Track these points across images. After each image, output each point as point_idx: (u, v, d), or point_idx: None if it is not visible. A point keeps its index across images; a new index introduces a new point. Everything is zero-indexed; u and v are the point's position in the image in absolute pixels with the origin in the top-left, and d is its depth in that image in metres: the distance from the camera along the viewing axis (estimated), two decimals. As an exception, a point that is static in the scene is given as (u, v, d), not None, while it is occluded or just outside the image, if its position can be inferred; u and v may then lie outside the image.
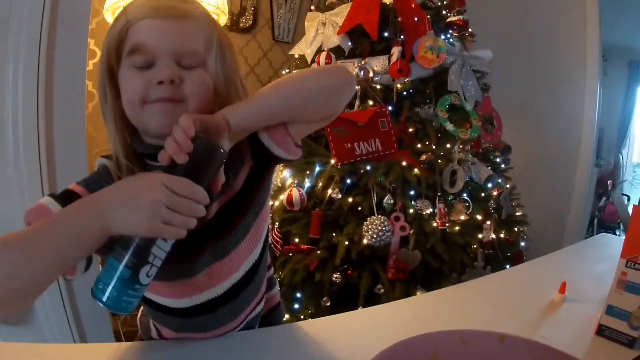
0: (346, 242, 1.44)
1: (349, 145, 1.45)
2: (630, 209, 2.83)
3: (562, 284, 0.92)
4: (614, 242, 1.32)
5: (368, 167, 1.47)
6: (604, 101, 3.20)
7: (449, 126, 1.55)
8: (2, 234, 0.47)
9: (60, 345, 0.68)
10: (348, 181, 1.46)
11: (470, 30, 1.83)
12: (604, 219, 3.28)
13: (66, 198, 0.57)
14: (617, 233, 3.24)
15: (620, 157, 3.56)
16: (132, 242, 0.46)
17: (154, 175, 0.50)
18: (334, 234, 1.47)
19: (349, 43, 1.68)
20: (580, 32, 2.56)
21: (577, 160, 2.57)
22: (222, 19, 1.82)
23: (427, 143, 1.58)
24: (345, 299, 1.47)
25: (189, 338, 0.72)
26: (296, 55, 1.91)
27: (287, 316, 1.42)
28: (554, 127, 2.65)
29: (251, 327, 0.77)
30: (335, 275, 1.45)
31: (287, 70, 2.10)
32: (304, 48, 1.79)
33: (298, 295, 1.51)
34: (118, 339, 1.62)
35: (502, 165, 1.82)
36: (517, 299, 0.94)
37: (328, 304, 1.46)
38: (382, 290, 1.44)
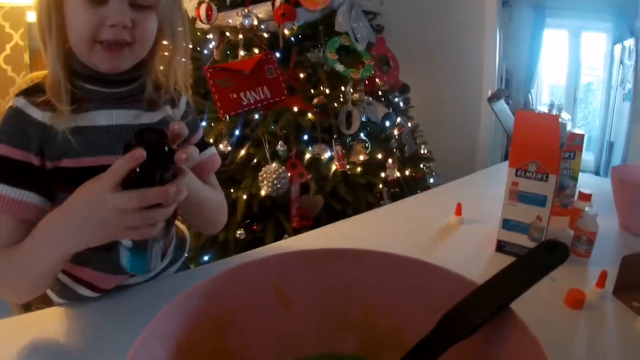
0: (245, 197, 1.39)
1: (235, 96, 1.39)
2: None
3: (457, 205, 0.92)
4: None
5: (256, 117, 1.41)
6: (511, 45, 3.32)
7: (339, 67, 1.52)
8: None
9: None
10: (237, 132, 1.40)
11: (359, -29, 1.79)
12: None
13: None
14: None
15: (530, 97, 3.77)
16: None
17: (102, 199, 0.48)
18: (232, 190, 1.42)
19: (230, -9, 1.59)
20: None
21: (481, 99, 2.67)
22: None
23: (320, 88, 1.54)
24: (254, 255, 1.44)
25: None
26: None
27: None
28: (455, 67, 2.73)
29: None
30: (239, 232, 1.41)
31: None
32: (185, 2, 1.67)
33: (206, 258, 1.46)
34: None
35: (402, 105, 1.84)
36: (413, 224, 0.93)
37: (236, 262, 1.42)
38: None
